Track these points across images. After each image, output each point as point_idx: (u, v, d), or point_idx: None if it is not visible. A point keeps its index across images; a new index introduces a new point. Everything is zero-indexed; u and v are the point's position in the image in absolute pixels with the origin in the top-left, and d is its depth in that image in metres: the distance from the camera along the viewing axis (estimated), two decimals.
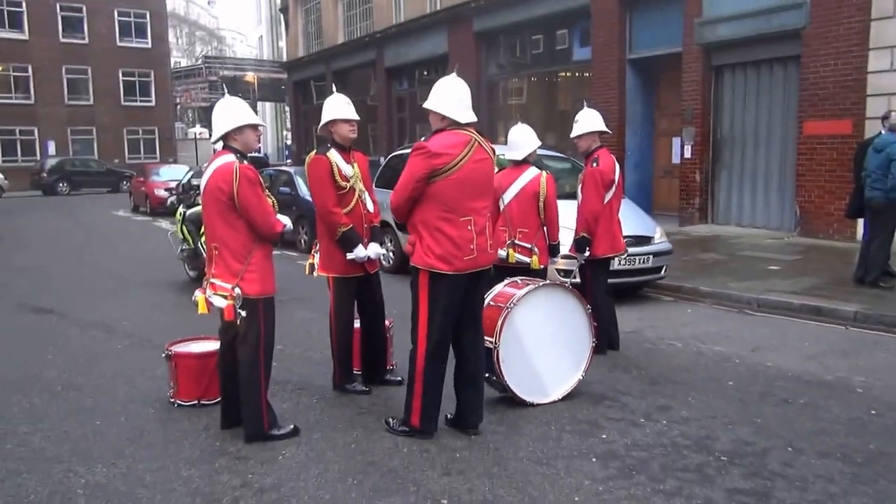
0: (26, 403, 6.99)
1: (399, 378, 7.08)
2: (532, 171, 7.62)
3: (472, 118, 5.88)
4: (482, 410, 6.13)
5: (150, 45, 54.14)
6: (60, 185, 42.84)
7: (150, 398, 7.00)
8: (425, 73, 29.66)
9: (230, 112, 5.90)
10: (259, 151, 47.28)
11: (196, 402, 6.71)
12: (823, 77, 15.64)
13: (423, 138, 5.91)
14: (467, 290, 5.89)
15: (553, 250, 7.81)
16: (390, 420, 6.16)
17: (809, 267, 12.97)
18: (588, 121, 8.27)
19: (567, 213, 8.09)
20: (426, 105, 5.90)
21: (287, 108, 50.79)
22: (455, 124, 5.80)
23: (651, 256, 11.12)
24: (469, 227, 5.75)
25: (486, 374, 6.53)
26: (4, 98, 48.84)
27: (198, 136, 54.02)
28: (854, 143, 13.88)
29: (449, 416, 6.19)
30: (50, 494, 5.10)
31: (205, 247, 6.68)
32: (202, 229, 8.46)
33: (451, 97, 5.85)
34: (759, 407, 6.68)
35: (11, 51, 48.83)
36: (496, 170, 6.15)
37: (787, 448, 5.75)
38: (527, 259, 7.55)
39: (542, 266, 7.61)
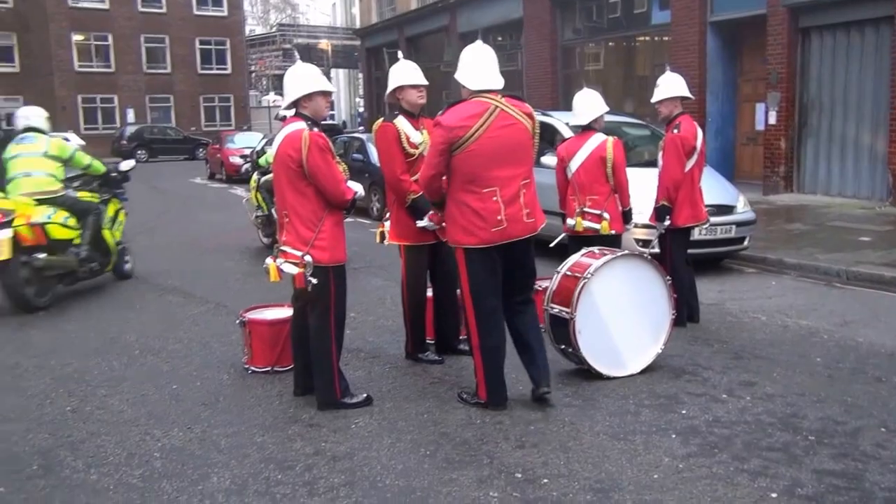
0: (105, 367, 7.08)
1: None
2: (598, 137, 7.48)
3: (494, 85, 5.77)
4: (547, 374, 6.00)
5: (226, 14, 54.65)
6: (139, 152, 43.38)
7: (224, 364, 7.04)
8: (499, 38, 29.32)
9: (300, 79, 5.82)
10: (333, 119, 47.51)
11: (269, 368, 6.72)
12: None
13: (440, 112, 5.82)
14: (509, 261, 5.79)
15: (626, 216, 7.65)
16: (463, 394, 6.09)
17: None
18: (670, 85, 8.03)
19: (646, 182, 7.88)
20: (455, 75, 5.90)
21: (360, 76, 50.85)
22: (474, 93, 5.72)
23: (734, 226, 10.81)
24: (494, 198, 5.62)
25: (563, 346, 6.49)
26: (85, 66, 49.66)
27: (271, 104, 54.38)
28: None
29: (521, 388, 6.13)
30: (128, 456, 5.16)
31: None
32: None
33: (471, 66, 5.81)
34: (849, 384, 6.40)
35: (92, 20, 49.64)
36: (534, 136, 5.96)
37: (880, 429, 5.49)
38: (596, 225, 7.38)
39: (613, 231, 7.44)
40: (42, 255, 9.24)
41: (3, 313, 9.01)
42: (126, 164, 11.52)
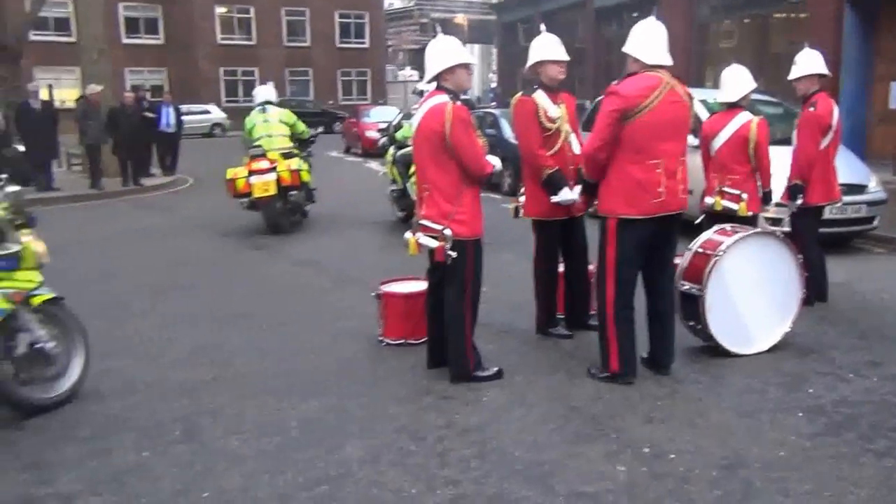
0: (242, 337, 7.37)
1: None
2: (744, 116, 7.35)
3: (666, 61, 5.82)
4: (673, 351, 6.14)
5: None
6: None
7: (359, 335, 7.22)
8: (635, 14, 28.93)
9: (443, 52, 5.90)
10: (466, 93, 47.47)
11: (403, 341, 6.88)
12: None
13: (614, 82, 5.86)
14: (657, 235, 5.86)
15: (765, 198, 7.54)
16: (592, 369, 6.16)
17: None
18: (808, 62, 7.90)
19: (779, 160, 7.78)
20: (624, 48, 5.91)
21: (493, 51, 50.71)
22: (647, 67, 5.75)
23: (864, 206, 10.61)
24: (658, 170, 5.71)
25: (692, 323, 6.51)
26: (227, 39, 50.33)
27: (407, 79, 54.60)
28: None
29: (644, 355, 6.21)
30: (265, 425, 5.36)
31: (413, 188, 6.76)
32: (411, 170, 8.59)
33: (644, 40, 5.84)
34: None
35: None
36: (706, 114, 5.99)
37: None
38: (734, 206, 7.29)
39: (750, 213, 7.34)
40: (295, 193, 12.71)
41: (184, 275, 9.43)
42: (317, 130, 14.94)
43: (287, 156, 12.76)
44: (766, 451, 4.86)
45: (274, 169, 12.39)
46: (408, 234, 5.98)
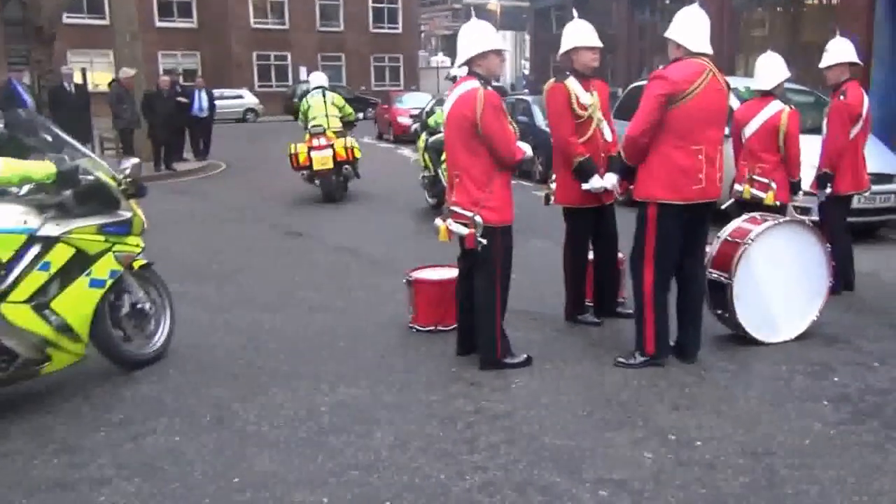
0: (276, 322, 7.43)
1: (630, 311, 6.97)
2: (776, 105, 7.31)
3: (709, 50, 5.83)
4: (700, 340, 6.19)
5: None
6: None
7: (390, 322, 7.28)
8: (667, 1, 28.75)
9: (475, 36, 5.90)
10: (499, 80, 47.26)
11: (433, 327, 6.94)
12: None
13: (660, 67, 5.90)
14: (693, 221, 5.89)
15: (794, 188, 7.50)
16: (619, 357, 6.18)
17: None
18: (839, 51, 7.88)
19: (809, 150, 7.75)
20: (666, 34, 5.90)
21: (526, 38, 50.50)
22: (691, 54, 5.77)
23: (893, 195, 10.58)
24: (700, 157, 5.74)
25: (720, 311, 6.53)
26: (261, 23, 50.16)
27: (440, 65, 54.43)
28: None
29: (672, 343, 6.22)
30: (297, 410, 5.43)
31: (445, 174, 6.78)
32: (443, 157, 8.65)
33: (689, 27, 5.83)
34: None
35: None
36: (737, 103, 6.01)
37: None
38: (762, 194, 7.27)
39: (778, 202, 7.30)
40: (348, 167, 14.68)
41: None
42: (357, 115, 16.63)
43: (339, 135, 14.56)
44: (792, 438, 4.89)
45: (331, 146, 14.20)
46: (438, 221, 6.00)
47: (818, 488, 4.33)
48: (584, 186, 6.69)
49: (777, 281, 6.54)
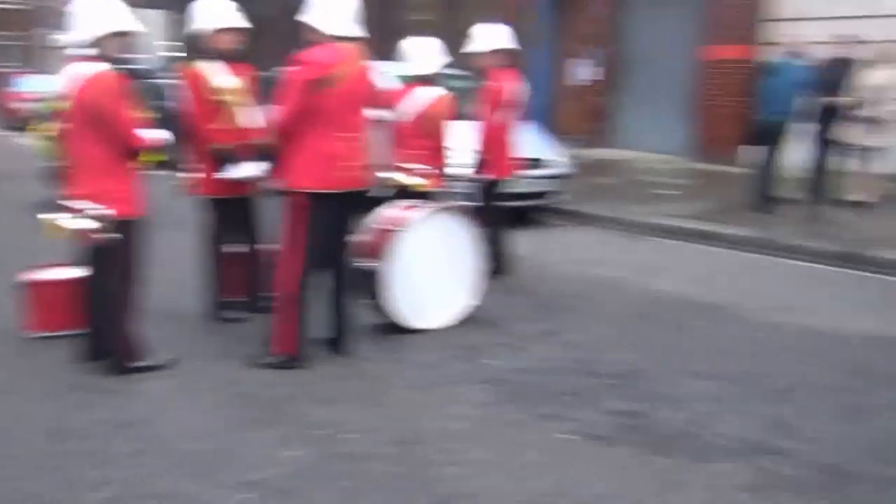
0: None
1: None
2: (432, 90, 7.28)
3: (355, 33, 5.64)
4: (352, 332, 6.11)
5: None
6: None
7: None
8: None
9: (95, 15, 5.34)
10: (136, 62, 45.32)
11: (55, 333, 6.27)
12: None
13: (300, 51, 5.62)
14: (342, 210, 5.77)
15: (448, 174, 7.49)
16: (257, 358, 5.89)
17: (705, 192, 13.10)
18: (485, 37, 8.01)
19: (467, 135, 7.84)
20: (301, 17, 5.64)
21: (165, 16, 48.89)
22: (331, 38, 5.55)
23: (543, 180, 10.93)
24: (348, 144, 5.61)
25: (372, 300, 6.45)
26: None
27: (63, 45, 50.83)
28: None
29: (324, 336, 6.06)
30: None
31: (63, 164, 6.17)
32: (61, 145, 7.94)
33: (327, 10, 5.59)
34: (650, 332, 6.72)
35: None
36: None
37: (675, 372, 5.82)
38: (416, 181, 7.16)
39: (432, 188, 7.23)
40: None
41: None
42: None
43: None
44: (444, 423, 4.94)
45: None
46: (49, 215, 5.37)
47: (461, 469, 4.39)
48: (223, 175, 6.39)
49: (430, 267, 6.53)
